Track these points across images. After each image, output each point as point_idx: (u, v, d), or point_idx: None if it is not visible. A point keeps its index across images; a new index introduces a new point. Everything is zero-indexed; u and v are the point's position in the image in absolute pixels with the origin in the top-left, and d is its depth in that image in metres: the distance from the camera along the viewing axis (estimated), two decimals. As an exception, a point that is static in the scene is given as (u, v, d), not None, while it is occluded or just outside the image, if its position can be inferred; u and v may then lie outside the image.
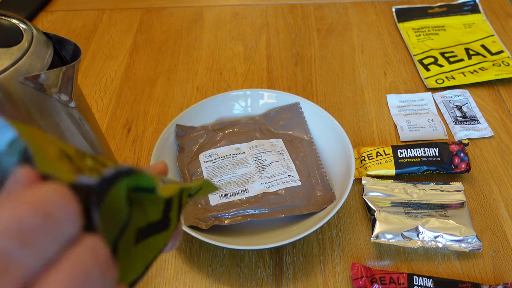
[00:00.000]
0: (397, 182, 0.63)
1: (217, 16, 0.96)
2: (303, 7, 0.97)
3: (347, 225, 0.61)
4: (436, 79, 0.80)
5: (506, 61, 0.81)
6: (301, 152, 0.66)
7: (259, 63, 0.85)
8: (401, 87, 0.80)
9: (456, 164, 0.64)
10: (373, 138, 0.72)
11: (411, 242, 0.57)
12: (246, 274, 0.57)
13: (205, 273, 0.57)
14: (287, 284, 0.56)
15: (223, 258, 0.58)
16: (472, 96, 0.77)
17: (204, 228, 0.57)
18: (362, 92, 0.79)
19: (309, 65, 0.84)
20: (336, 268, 0.57)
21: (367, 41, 0.89)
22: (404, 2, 0.96)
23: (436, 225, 0.57)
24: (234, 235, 0.58)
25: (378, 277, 0.53)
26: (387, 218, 0.58)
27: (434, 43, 0.86)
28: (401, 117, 0.74)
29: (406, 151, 0.66)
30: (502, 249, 0.58)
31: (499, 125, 0.73)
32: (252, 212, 0.59)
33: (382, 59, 0.85)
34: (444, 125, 0.73)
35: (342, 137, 0.64)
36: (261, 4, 0.98)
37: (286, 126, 0.69)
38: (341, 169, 0.62)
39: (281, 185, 0.61)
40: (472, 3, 0.93)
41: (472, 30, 0.88)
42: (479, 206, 0.63)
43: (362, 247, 0.59)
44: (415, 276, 0.53)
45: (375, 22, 0.93)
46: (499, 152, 0.69)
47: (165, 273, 0.57)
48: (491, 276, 0.56)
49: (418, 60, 0.83)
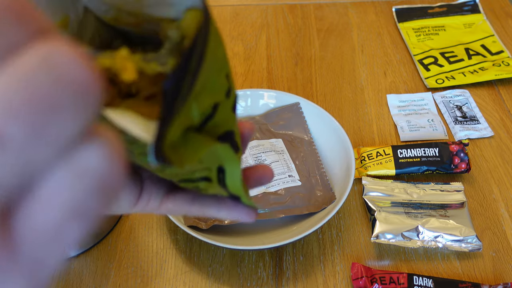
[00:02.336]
0: (397, 182, 0.63)
1: (217, 16, 0.96)
2: (303, 7, 0.97)
3: (347, 225, 0.61)
4: (436, 79, 0.80)
5: (506, 61, 0.81)
6: (301, 152, 0.66)
7: (259, 63, 0.85)
8: (401, 87, 0.80)
9: (456, 164, 0.64)
10: (373, 138, 0.72)
11: (411, 242, 0.57)
12: (246, 274, 0.57)
13: (205, 273, 0.57)
14: (287, 284, 0.56)
15: (223, 258, 0.58)
16: (472, 96, 0.77)
17: (204, 228, 0.57)
18: (362, 92, 0.79)
19: (309, 65, 0.84)
20: (336, 268, 0.57)
21: (367, 41, 0.89)
22: (404, 2, 0.96)
23: (436, 225, 0.57)
24: (234, 235, 0.58)
25: (378, 277, 0.53)
26: (387, 218, 0.58)
27: (434, 43, 0.86)
28: (401, 117, 0.74)
29: (406, 151, 0.66)
30: (502, 249, 0.58)
31: (499, 125, 0.73)
32: (252, 212, 0.59)
33: (382, 59, 0.85)
34: (444, 125, 0.73)
35: (342, 137, 0.64)
36: (261, 4, 0.98)
37: (286, 126, 0.69)
38: (341, 169, 0.62)
39: (281, 185, 0.61)
40: (472, 3, 0.93)
41: (472, 30, 0.88)
42: (479, 206, 0.63)
43: (362, 247, 0.59)
44: (415, 276, 0.53)
45: (375, 22, 0.93)
46: (499, 152, 0.69)
47: (165, 273, 0.57)
48: (491, 276, 0.56)
49: (418, 60, 0.83)
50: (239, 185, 0.25)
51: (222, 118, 0.24)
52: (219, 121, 0.24)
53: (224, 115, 0.24)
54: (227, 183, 0.26)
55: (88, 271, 0.58)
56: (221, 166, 0.25)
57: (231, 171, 0.25)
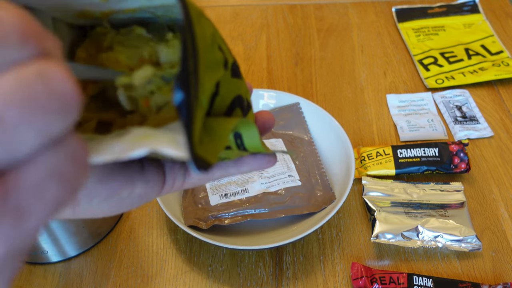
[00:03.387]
0: (397, 182, 0.63)
1: (217, 16, 0.96)
2: (303, 7, 0.97)
3: (347, 225, 0.61)
4: (436, 79, 0.80)
5: (506, 61, 0.81)
6: (301, 152, 0.66)
7: (259, 63, 0.85)
8: (401, 87, 0.80)
9: (456, 164, 0.64)
10: (373, 138, 0.72)
11: (411, 242, 0.57)
12: (246, 274, 0.57)
13: (205, 273, 0.57)
14: (287, 284, 0.56)
15: (223, 258, 0.58)
16: (472, 96, 0.77)
17: (204, 228, 0.57)
18: (362, 92, 0.79)
19: (309, 65, 0.84)
20: (336, 268, 0.57)
21: (367, 41, 0.89)
22: (404, 2, 0.96)
23: (436, 225, 0.57)
24: (234, 235, 0.58)
25: (378, 277, 0.53)
26: (387, 218, 0.58)
27: (434, 43, 0.86)
28: (401, 117, 0.74)
29: (406, 151, 0.66)
30: (501, 249, 0.58)
31: (499, 125, 0.73)
32: (252, 212, 0.59)
33: (382, 59, 0.85)
34: (444, 125, 0.73)
35: (342, 137, 0.64)
36: (261, 4, 0.98)
37: (286, 126, 0.69)
38: (341, 169, 0.62)
39: (281, 185, 0.61)
40: (471, 3, 0.93)
41: (472, 30, 0.88)
42: (478, 206, 0.63)
43: (362, 247, 0.59)
44: (415, 276, 0.53)
45: (375, 22, 0.93)
46: (499, 152, 0.69)
47: (165, 273, 0.57)
48: (490, 276, 0.56)
49: (418, 60, 0.83)
50: (259, 144, 0.26)
51: (226, 90, 0.25)
52: (224, 93, 0.25)
53: (227, 85, 0.25)
54: (246, 146, 0.26)
55: (88, 271, 0.58)
56: (237, 132, 0.26)
57: (248, 134, 0.26)
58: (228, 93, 0.25)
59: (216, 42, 0.24)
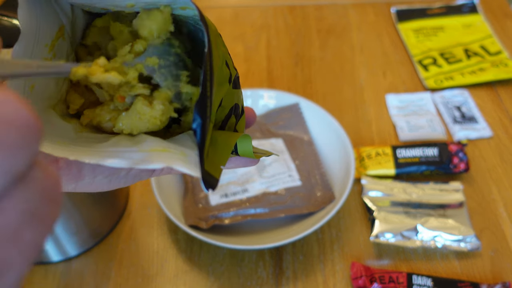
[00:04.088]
0: (397, 182, 0.64)
1: (217, 17, 0.96)
2: (303, 8, 0.97)
3: (346, 224, 0.61)
4: (435, 79, 0.80)
5: (505, 62, 0.81)
6: (301, 152, 0.66)
7: (259, 64, 0.85)
8: (400, 87, 0.80)
9: (455, 164, 0.65)
10: (373, 138, 0.72)
11: (410, 242, 0.57)
12: (246, 274, 0.57)
13: (205, 272, 0.57)
14: (287, 283, 0.56)
15: (224, 258, 0.58)
16: (471, 97, 0.77)
17: (205, 228, 0.57)
18: (362, 92, 0.79)
19: (309, 65, 0.85)
20: (336, 268, 0.57)
21: (366, 42, 0.89)
22: (403, 3, 0.97)
23: (435, 224, 0.57)
24: (234, 235, 0.58)
25: (377, 276, 0.54)
26: (386, 218, 0.58)
27: (433, 43, 0.86)
28: (400, 117, 0.74)
29: (406, 151, 0.66)
30: (500, 248, 0.58)
31: (498, 126, 0.73)
32: (252, 212, 0.59)
33: (382, 59, 0.85)
34: (443, 125, 0.73)
35: (341, 137, 0.64)
36: (261, 5, 0.99)
37: (286, 126, 0.69)
38: (340, 169, 0.62)
39: (281, 185, 0.61)
40: (471, 4, 0.93)
41: (471, 31, 0.89)
42: (478, 205, 0.63)
43: (362, 247, 0.59)
44: (414, 276, 0.54)
45: (374, 23, 0.93)
46: (498, 152, 0.69)
47: (165, 272, 0.57)
48: (489, 275, 0.56)
49: (417, 61, 0.84)
50: (251, 152, 0.28)
51: (226, 101, 0.27)
52: (224, 104, 0.27)
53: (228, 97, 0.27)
54: (239, 152, 0.28)
55: (89, 271, 0.58)
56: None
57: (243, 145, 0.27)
58: (228, 103, 0.27)
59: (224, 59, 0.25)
